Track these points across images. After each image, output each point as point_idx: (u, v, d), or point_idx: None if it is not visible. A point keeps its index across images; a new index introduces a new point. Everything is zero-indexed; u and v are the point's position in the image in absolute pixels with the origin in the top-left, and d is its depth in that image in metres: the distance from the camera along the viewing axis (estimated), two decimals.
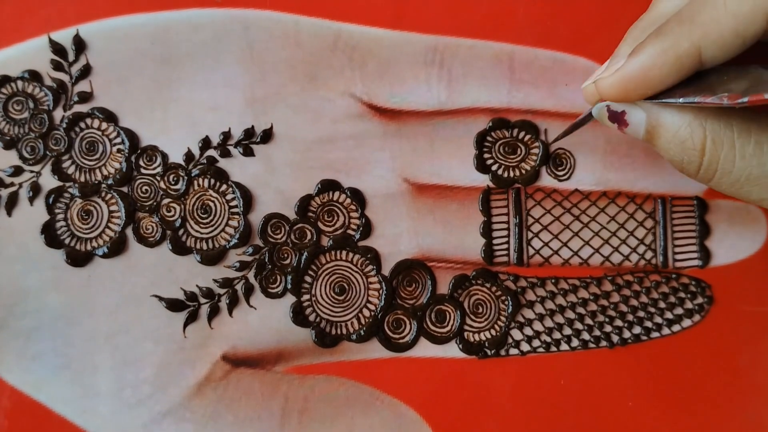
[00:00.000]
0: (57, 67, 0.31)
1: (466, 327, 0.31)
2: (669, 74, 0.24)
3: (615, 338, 0.31)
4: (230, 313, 0.31)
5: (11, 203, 0.31)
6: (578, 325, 0.31)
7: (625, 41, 0.27)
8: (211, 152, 0.31)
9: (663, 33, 0.24)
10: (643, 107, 0.25)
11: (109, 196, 0.31)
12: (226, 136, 0.31)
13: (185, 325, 0.31)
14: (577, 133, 0.30)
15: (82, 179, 0.31)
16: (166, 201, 0.31)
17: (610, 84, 0.25)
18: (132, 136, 0.31)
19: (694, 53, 0.24)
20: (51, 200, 0.31)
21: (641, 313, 0.31)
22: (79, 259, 0.30)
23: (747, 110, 0.24)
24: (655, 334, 0.31)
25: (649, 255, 0.32)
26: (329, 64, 0.31)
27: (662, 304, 0.31)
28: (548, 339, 0.31)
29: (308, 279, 0.31)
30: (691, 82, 0.24)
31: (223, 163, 0.31)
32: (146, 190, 0.31)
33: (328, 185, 0.31)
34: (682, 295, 0.32)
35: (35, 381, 0.30)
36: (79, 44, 0.31)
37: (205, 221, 0.31)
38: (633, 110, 0.26)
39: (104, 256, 0.31)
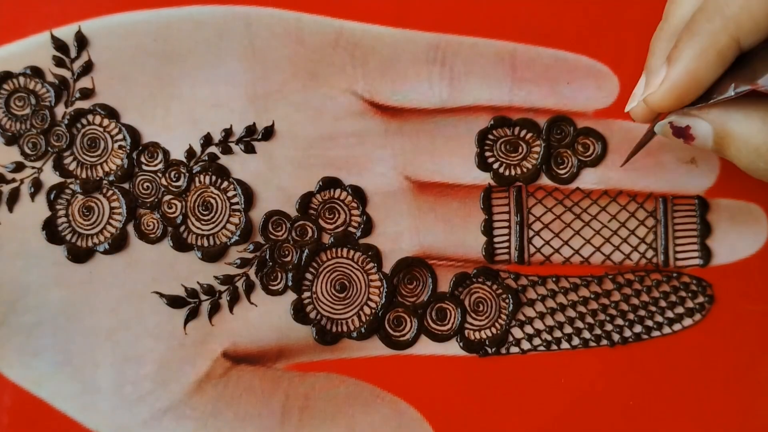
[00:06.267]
0: (59, 63, 0.31)
1: (467, 325, 0.31)
2: (715, 71, 0.24)
3: (616, 337, 0.31)
4: (231, 310, 0.31)
5: (12, 199, 0.31)
6: (579, 324, 0.31)
7: (653, 54, 0.27)
8: (212, 149, 0.31)
9: (696, 33, 0.24)
10: (707, 119, 0.25)
11: (110, 192, 0.31)
12: (228, 133, 0.31)
13: (186, 322, 0.31)
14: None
15: (84, 175, 0.31)
16: (167, 198, 0.31)
17: (661, 97, 0.25)
18: (133, 133, 0.31)
19: (733, 45, 0.24)
20: (52, 196, 0.31)
21: (642, 312, 0.31)
22: (80, 255, 0.31)
23: None
24: (655, 333, 0.31)
25: (650, 254, 0.32)
26: (331, 61, 0.31)
27: (663, 303, 0.31)
28: (549, 337, 0.31)
29: (309, 276, 0.31)
30: (734, 71, 0.24)
31: (224, 160, 0.31)
32: (147, 186, 0.31)
33: (330, 183, 0.31)
34: (683, 293, 0.32)
35: (36, 377, 0.30)
36: (81, 41, 0.31)
37: (206, 218, 0.31)
38: (697, 123, 0.25)
39: (105, 252, 0.31)
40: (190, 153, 0.31)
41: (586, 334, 0.31)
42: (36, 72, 0.31)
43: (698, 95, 0.25)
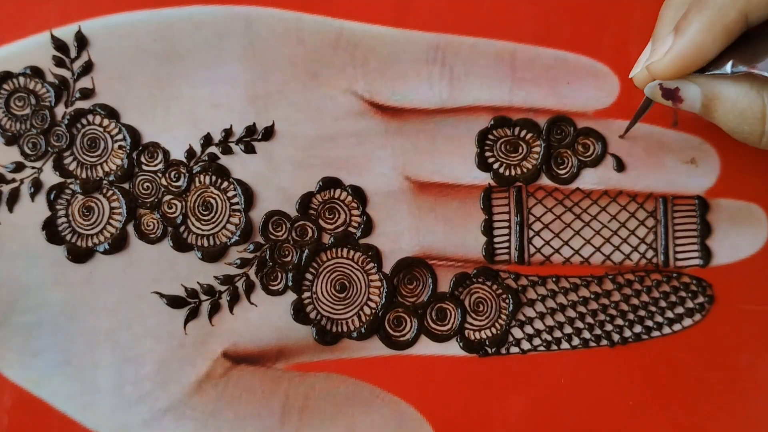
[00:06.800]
0: (59, 63, 0.31)
1: (467, 325, 0.31)
2: (721, 45, 0.24)
3: (616, 337, 0.31)
4: (231, 310, 0.31)
5: (12, 199, 0.31)
6: (579, 324, 0.31)
7: (661, 21, 0.27)
8: (212, 149, 0.31)
9: (705, 6, 0.24)
10: (696, 82, 0.26)
11: (110, 192, 0.31)
12: (228, 133, 0.31)
13: (186, 322, 0.31)
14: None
15: (84, 176, 0.31)
16: (167, 198, 0.31)
17: (665, 66, 0.25)
18: (133, 133, 0.31)
19: (741, 20, 0.24)
20: (52, 196, 0.31)
21: (642, 312, 0.31)
22: (80, 255, 0.31)
23: None
24: (655, 333, 0.31)
25: (650, 254, 0.32)
26: (331, 61, 0.31)
27: (663, 303, 0.31)
28: (549, 337, 0.31)
29: (309, 276, 0.31)
30: (735, 47, 0.25)
31: (224, 160, 0.31)
32: (147, 186, 0.31)
33: (330, 183, 0.31)
34: (683, 294, 0.32)
35: (36, 377, 0.30)
36: (81, 41, 0.31)
37: (206, 218, 0.31)
38: (687, 86, 0.26)
39: (105, 252, 0.31)
40: (190, 153, 0.31)
41: (586, 334, 0.31)
42: (36, 72, 0.31)
43: (701, 67, 0.25)
